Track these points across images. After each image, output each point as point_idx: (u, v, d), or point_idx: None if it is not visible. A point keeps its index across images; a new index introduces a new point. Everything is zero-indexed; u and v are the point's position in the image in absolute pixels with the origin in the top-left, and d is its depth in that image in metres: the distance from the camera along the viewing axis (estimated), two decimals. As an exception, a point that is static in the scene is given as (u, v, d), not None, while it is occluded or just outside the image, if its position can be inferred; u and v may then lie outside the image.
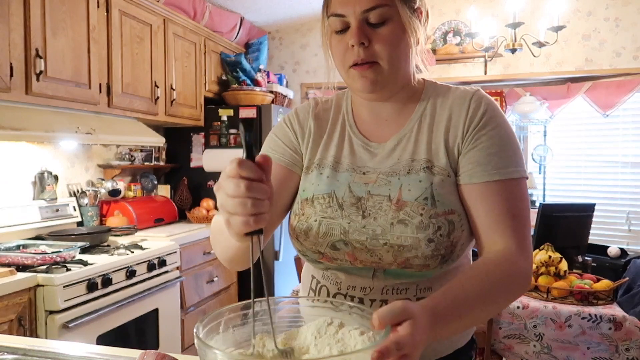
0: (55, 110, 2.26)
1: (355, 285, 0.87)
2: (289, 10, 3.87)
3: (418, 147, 0.85)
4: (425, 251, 0.80)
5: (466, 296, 0.69)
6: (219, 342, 0.62)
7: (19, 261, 1.90)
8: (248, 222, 0.58)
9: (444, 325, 0.64)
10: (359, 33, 0.79)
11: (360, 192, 0.85)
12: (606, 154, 3.63)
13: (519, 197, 0.81)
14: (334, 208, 0.85)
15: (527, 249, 0.79)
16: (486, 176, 0.80)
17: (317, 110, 0.95)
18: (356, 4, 0.79)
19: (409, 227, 0.80)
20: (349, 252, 0.85)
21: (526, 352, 1.91)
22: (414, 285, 0.85)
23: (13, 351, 0.95)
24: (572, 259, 2.35)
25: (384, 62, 0.81)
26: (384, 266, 0.84)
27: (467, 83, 3.84)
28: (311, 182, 0.90)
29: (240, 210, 0.57)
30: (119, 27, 2.58)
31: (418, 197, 0.81)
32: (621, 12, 3.51)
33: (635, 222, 3.56)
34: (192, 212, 3.25)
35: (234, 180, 0.57)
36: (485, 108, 0.84)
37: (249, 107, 3.42)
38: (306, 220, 0.86)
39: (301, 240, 0.88)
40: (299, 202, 0.90)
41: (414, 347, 0.55)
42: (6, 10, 1.94)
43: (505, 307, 0.78)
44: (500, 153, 0.81)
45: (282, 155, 0.93)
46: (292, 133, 0.95)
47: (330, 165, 0.90)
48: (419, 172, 0.83)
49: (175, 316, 2.57)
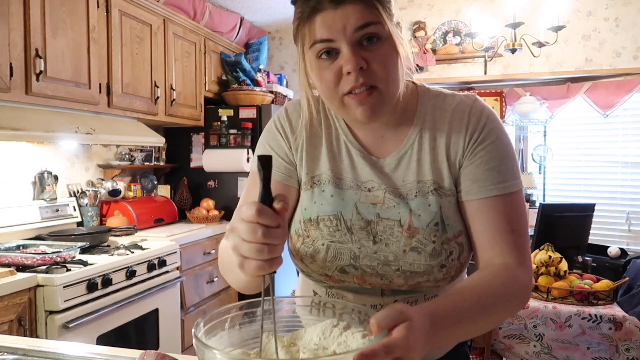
0: (55, 110, 2.26)
1: (364, 303, 0.85)
2: (289, 10, 3.83)
3: (422, 167, 0.82)
4: (437, 276, 0.80)
5: (465, 302, 0.68)
6: (217, 342, 0.62)
7: (19, 261, 1.90)
8: (263, 267, 0.57)
9: (444, 329, 0.62)
10: (356, 57, 0.71)
11: (369, 214, 0.82)
12: (606, 154, 3.63)
13: (517, 210, 0.80)
14: (342, 232, 0.82)
15: (527, 263, 0.78)
16: (484, 192, 0.79)
17: (309, 114, 0.87)
18: (346, 23, 0.71)
19: (422, 255, 0.79)
20: (358, 276, 0.83)
21: (526, 352, 1.91)
22: (422, 297, 0.86)
23: (13, 351, 0.95)
24: (572, 259, 2.35)
25: (384, 84, 0.74)
26: (393, 287, 0.84)
27: (467, 83, 3.84)
28: (313, 201, 0.85)
29: (255, 255, 0.56)
30: (119, 27, 2.58)
31: (429, 224, 0.80)
32: (621, 12, 3.51)
33: (635, 222, 3.56)
34: (192, 212, 3.25)
35: (251, 226, 0.56)
36: (485, 121, 0.81)
37: (249, 107, 3.42)
38: (312, 244, 0.83)
39: (306, 262, 0.85)
40: (301, 221, 0.85)
41: (407, 350, 0.53)
42: (6, 10, 1.94)
43: (504, 319, 0.76)
44: (499, 167, 0.80)
45: (277, 168, 0.87)
46: (286, 142, 0.88)
47: (331, 181, 0.84)
48: (427, 196, 0.81)
49: (175, 316, 2.57)
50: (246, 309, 0.67)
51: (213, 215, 3.25)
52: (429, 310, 0.61)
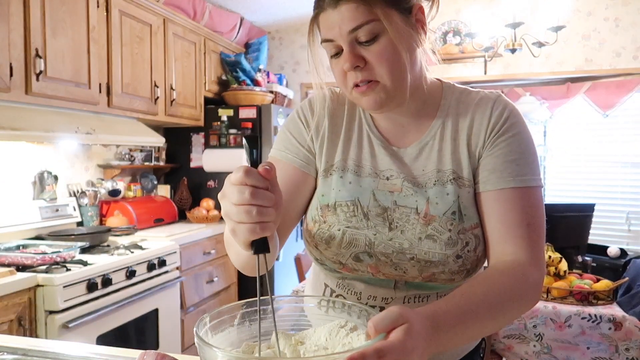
0: (55, 110, 2.26)
1: (376, 295, 0.84)
2: (289, 10, 3.87)
3: (443, 156, 0.82)
4: (452, 267, 0.79)
5: (470, 303, 0.65)
6: (219, 341, 0.62)
7: (19, 261, 1.90)
8: (254, 229, 0.56)
9: (446, 332, 0.60)
10: (351, 57, 0.75)
11: (386, 201, 0.82)
12: (606, 154, 3.63)
13: (534, 205, 0.77)
14: (359, 217, 0.82)
15: (540, 260, 0.75)
16: (501, 183, 0.78)
17: (332, 105, 0.90)
18: (341, 25, 0.74)
19: (437, 243, 0.78)
20: (372, 265, 0.82)
21: (526, 352, 1.91)
22: (435, 294, 0.84)
23: (13, 351, 0.95)
24: (572, 259, 2.35)
25: (385, 78, 0.76)
26: (407, 279, 0.82)
27: (467, 83, 3.84)
28: (331, 187, 0.85)
29: (245, 218, 0.56)
30: (119, 27, 2.58)
31: (446, 212, 0.79)
32: (621, 12, 3.51)
33: (635, 222, 3.56)
34: (192, 212, 3.25)
35: (239, 187, 0.56)
36: (507, 114, 0.81)
37: (248, 107, 3.41)
38: (328, 229, 0.83)
39: (321, 249, 0.84)
40: (318, 207, 0.85)
41: (404, 353, 0.51)
42: (6, 10, 1.94)
43: (513, 319, 0.73)
44: (518, 160, 0.78)
45: (296, 155, 0.88)
46: (307, 131, 0.89)
47: (350, 168, 0.85)
48: (446, 185, 0.80)
49: (175, 316, 2.57)
50: (247, 308, 0.67)
51: (213, 215, 3.25)
52: (430, 313, 0.60)
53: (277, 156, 0.89)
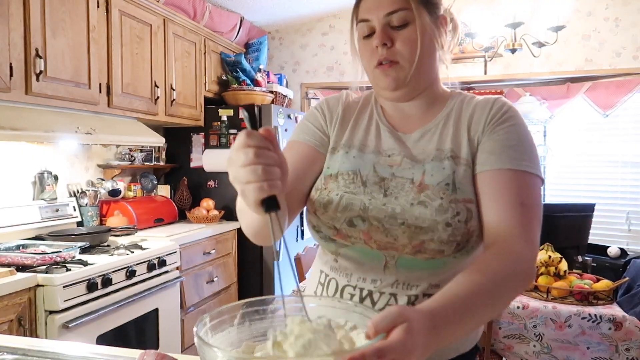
0: (55, 110, 2.26)
1: (365, 277, 0.88)
2: (289, 10, 3.87)
3: (443, 138, 0.89)
4: (442, 235, 0.80)
5: (467, 294, 0.66)
6: (219, 341, 0.62)
7: (19, 261, 1.90)
8: (262, 187, 0.59)
9: (447, 327, 0.61)
10: (382, 35, 0.86)
11: (385, 173, 0.89)
12: (606, 154, 3.63)
13: (530, 189, 0.80)
14: (357, 184, 0.89)
15: (533, 240, 0.76)
16: (498, 164, 0.82)
17: (347, 100, 1.01)
18: (379, 8, 0.86)
19: (428, 209, 0.82)
20: (365, 231, 0.86)
21: (526, 352, 1.91)
22: (425, 282, 0.85)
23: (13, 351, 0.95)
24: (572, 259, 2.35)
25: (405, 61, 0.86)
26: (397, 248, 0.84)
27: (467, 83, 3.84)
28: (337, 161, 0.93)
29: (252, 177, 0.59)
30: (119, 27, 2.58)
31: (440, 182, 0.84)
32: (621, 12, 3.51)
33: (635, 222, 3.56)
34: (192, 212, 3.25)
35: (243, 150, 0.59)
36: (507, 109, 0.88)
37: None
38: (328, 194, 0.89)
39: (319, 214, 0.90)
40: (322, 178, 0.93)
41: (404, 352, 0.51)
42: (6, 10, 1.94)
43: (511, 301, 0.74)
44: (516, 147, 0.83)
45: (312, 136, 0.97)
46: (322, 116, 0.99)
47: (357, 146, 0.94)
48: (444, 160, 0.86)
49: (175, 316, 2.57)
50: (247, 308, 0.67)
51: (213, 215, 3.25)
52: (430, 310, 0.60)
53: (294, 138, 1.00)
